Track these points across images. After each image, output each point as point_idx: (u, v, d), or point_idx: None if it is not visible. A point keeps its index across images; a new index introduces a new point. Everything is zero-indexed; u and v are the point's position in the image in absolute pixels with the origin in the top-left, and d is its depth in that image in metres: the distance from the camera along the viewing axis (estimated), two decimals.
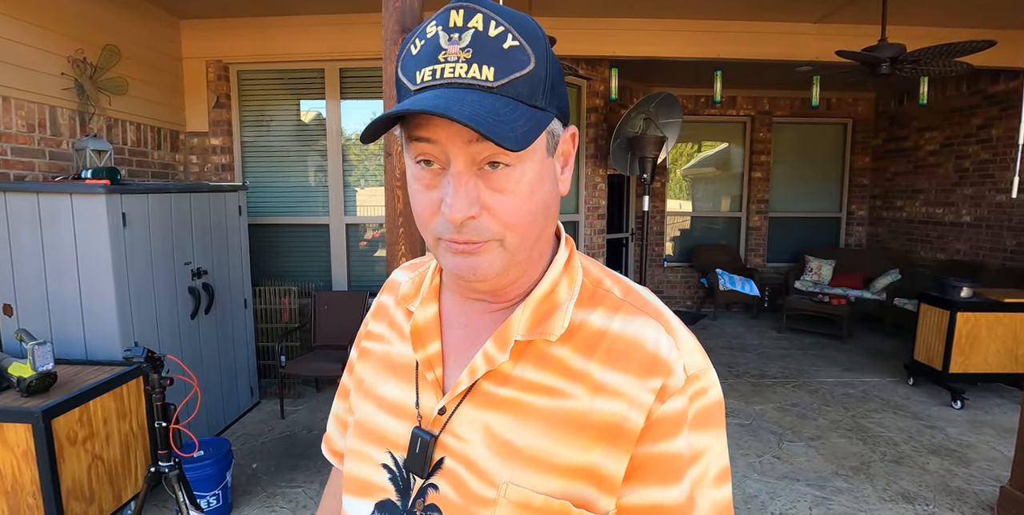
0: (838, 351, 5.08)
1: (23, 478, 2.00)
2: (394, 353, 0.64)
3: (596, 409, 0.52)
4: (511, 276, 0.56)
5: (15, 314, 2.55)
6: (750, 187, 6.64)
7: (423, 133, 0.48)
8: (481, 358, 0.56)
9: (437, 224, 0.51)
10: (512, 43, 0.47)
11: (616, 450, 0.51)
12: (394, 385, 0.62)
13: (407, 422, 0.59)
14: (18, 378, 2.08)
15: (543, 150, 0.52)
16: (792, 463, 3.00)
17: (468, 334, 0.60)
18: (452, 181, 0.48)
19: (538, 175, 0.51)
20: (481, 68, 0.47)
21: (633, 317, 0.55)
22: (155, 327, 2.74)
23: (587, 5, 3.82)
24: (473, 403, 0.56)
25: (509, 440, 0.53)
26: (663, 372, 0.52)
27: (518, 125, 0.46)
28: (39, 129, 2.83)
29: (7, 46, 2.66)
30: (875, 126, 6.62)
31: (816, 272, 6.17)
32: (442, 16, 0.48)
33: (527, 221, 0.51)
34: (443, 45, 0.47)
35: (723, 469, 0.55)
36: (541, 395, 0.54)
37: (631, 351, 0.53)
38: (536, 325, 0.56)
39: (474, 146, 0.47)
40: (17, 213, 2.47)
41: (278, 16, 3.87)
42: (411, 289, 0.66)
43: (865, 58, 3.03)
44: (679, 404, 0.52)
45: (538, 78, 0.49)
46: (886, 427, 3.45)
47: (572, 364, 0.54)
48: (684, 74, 5.47)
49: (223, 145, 4.09)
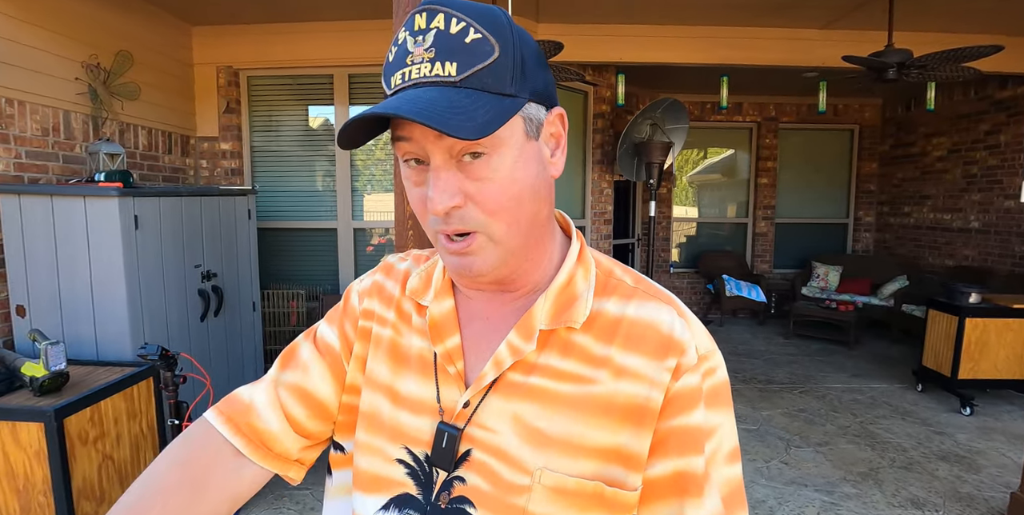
0: (845, 357, 5.06)
1: (35, 477, 2.01)
2: (404, 344, 0.64)
3: (620, 392, 0.54)
4: (512, 264, 0.56)
5: (28, 315, 2.58)
6: (756, 193, 6.63)
7: (400, 132, 0.51)
8: (506, 349, 0.57)
9: (429, 219, 0.53)
10: (475, 36, 0.49)
11: (641, 429, 0.54)
12: (410, 379, 0.61)
13: (428, 417, 0.59)
14: (31, 378, 2.10)
15: (521, 135, 0.52)
16: (800, 468, 2.98)
17: (488, 327, 0.61)
18: (432, 175, 0.51)
19: (517, 160, 0.52)
20: (444, 65, 0.49)
21: (646, 302, 0.58)
22: (165, 329, 2.76)
23: (593, 12, 3.85)
24: (500, 394, 0.57)
25: (540, 428, 0.54)
26: (677, 351, 0.55)
27: (478, 115, 0.47)
28: (53, 133, 2.87)
29: (24, 51, 2.71)
30: (882, 132, 6.61)
31: (823, 278, 6.15)
32: (409, 22, 0.51)
33: (511, 207, 0.52)
34: (410, 48, 0.50)
35: (734, 448, 0.57)
36: (568, 382, 0.55)
37: (647, 334, 0.56)
38: (559, 314, 0.57)
39: (445, 140, 0.49)
40: (31, 215, 2.51)
41: (288, 22, 3.92)
42: (420, 284, 0.65)
43: (872, 63, 3.04)
44: (693, 380, 0.55)
45: (504, 66, 0.50)
46: (895, 433, 3.43)
47: (594, 351, 0.56)
48: (690, 80, 5.49)
49: (233, 150, 4.13)
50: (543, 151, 0.56)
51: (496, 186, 0.51)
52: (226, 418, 0.64)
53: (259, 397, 0.65)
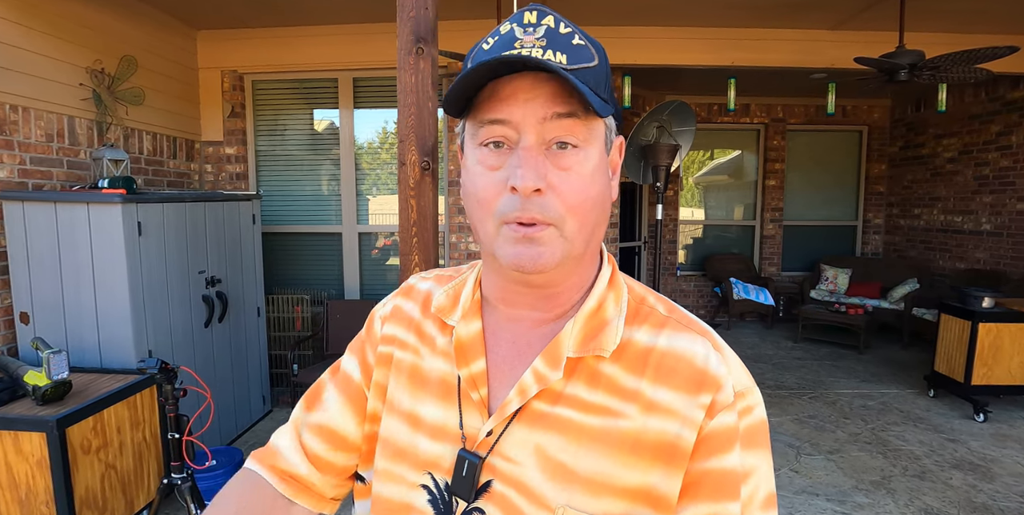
0: (855, 362, 5.00)
1: (37, 486, 2.00)
2: (425, 367, 0.61)
3: (650, 428, 0.52)
4: (566, 270, 0.55)
5: (31, 322, 2.57)
6: (764, 195, 6.58)
7: (498, 115, 0.50)
8: (531, 376, 0.54)
9: (501, 204, 0.51)
10: (579, 42, 0.51)
11: (672, 469, 0.51)
12: (432, 404, 0.59)
13: (449, 444, 0.57)
14: (33, 386, 2.09)
15: (602, 143, 0.54)
16: (811, 477, 2.94)
17: (514, 351, 0.58)
18: (522, 154, 0.50)
19: (599, 164, 0.53)
20: (556, 54, 0.50)
21: (680, 333, 0.56)
22: (169, 335, 2.75)
23: (600, 14, 3.82)
24: (524, 423, 0.54)
25: (563, 462, 0.52)
26: (712, 388, 0.52)
27: (594, 97, 0.49)
28: (57, 139, 2.87)
29: (28, 57, 2.70)
30: (891, 133, 6.54)
31: (832, 281, 6.08)
32: (517, 16, 0.52)
33: (587, 206, 0.52)
34: (519, 36, 0.51)
35: (770, 494, 0.54)
36: (595, 415, 0.53)
37: (679, 367, 0.53)
38: (587, 341, 0.55)
39: (547, 125, 0.50)
40: (35, 222, 2.50)
41: (292, 26, 3.90)
42: (447, 302, 0.63)
43: (883, 65, 2.99)
44: (730, 419, 0.52)
45: (601, 74, 0.52)
46: (907, 440, 3.37)
47: (623, 383, 0.54)
48: (697, 82, 5.44)
49: (238, 154, 4.12)
50: (609, 170, 0.57)
51: (580, 180, 0.51)
52: (262, 462, 0.66)
53: (283, 441, 0.67)
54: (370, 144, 4.17)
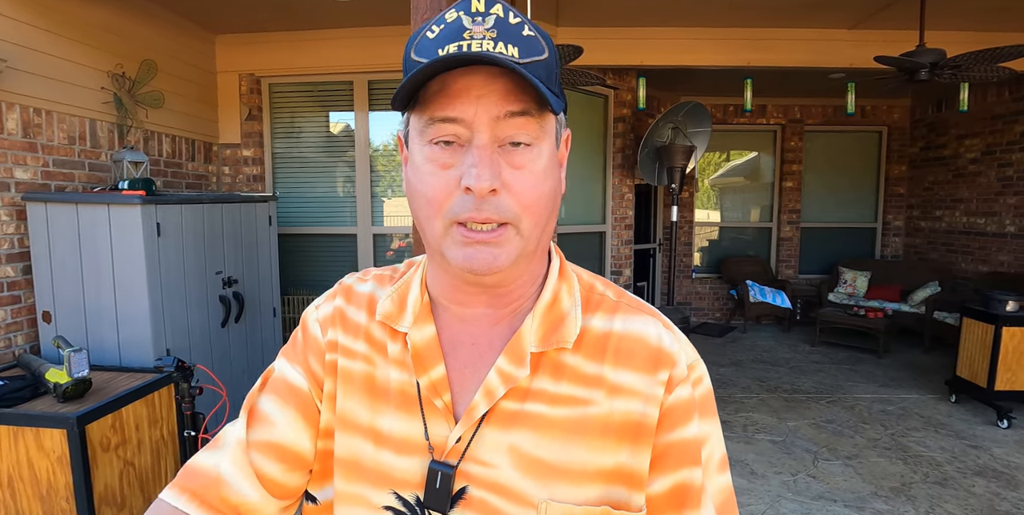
0: (874, 366, 4.91)
1: (57, 483, 2.03)
2: (379, 377, 0.58)
3: (616, 410, 0.53)
4: (519, 269, 0.54)
5: (53, 320, 2.62)
6: (781, 197, 6.51)
7: (449, 113, 0.48)
8: (497, 377, 0.53)
9: (453, 204, 0.49)
10: (529, 33, 0.50)
11: (640, 446, 0.53)
12: (391, 417, 0.56)
13: (417, 457, 0.55)
14: (55, 384, 2.13)
15: (553, 138, 0.53)
16: (829, 482, 2.89)
17: (474, 353, 0.57)
18: (476, 153, 0.48)
19: (551, 160, 0.52)
20: (507, 46, 0.48)
21: (632, 316, 0.57)
22: (186, 335, 2.78)
23: (615, 15, 3.81)
24: (494, 425, 0.53)
25: (540, 457, 0.52)
26: (668, 364, 0.54)
27: (548, 93, 0.48)
28: (79, 141, 2.92)
29: (52, 62, 2.76)
30: (911, 134, 6.44)
31: (851, 284, 5.99)
32: (463, 3, 0.50)
33: (542, 204, 0.51)
34: (467, 25, 0.48)
35: (723, 456, 0.57)
36: (564, 406, 0.53)
37: (637, 349, 0.55)
38: (549, 335, 0.55)
39: (501, 123, 0.48)
40: (57, 223, 2.55)
41: (309, 30, 3.94)
42: (394, 308, 0.59)
43: (904, 64, 2.95)
44: (686, 392, 0.55)
45: (552, 67, 0.51)
46: (928, 446, 3.31)
47: (586, 370, 0.54)
48: (713, 83, 5.41)
49: (255, 156, 4.17)
50: (558, 164, 0.56)
51: (533, 178, 0.50)
52: (191, 495, 0.56)
53: (225, 465, 0.57)
54: (385, 146, 4.20)
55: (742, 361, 5.05)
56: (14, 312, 2.62)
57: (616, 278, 4.82)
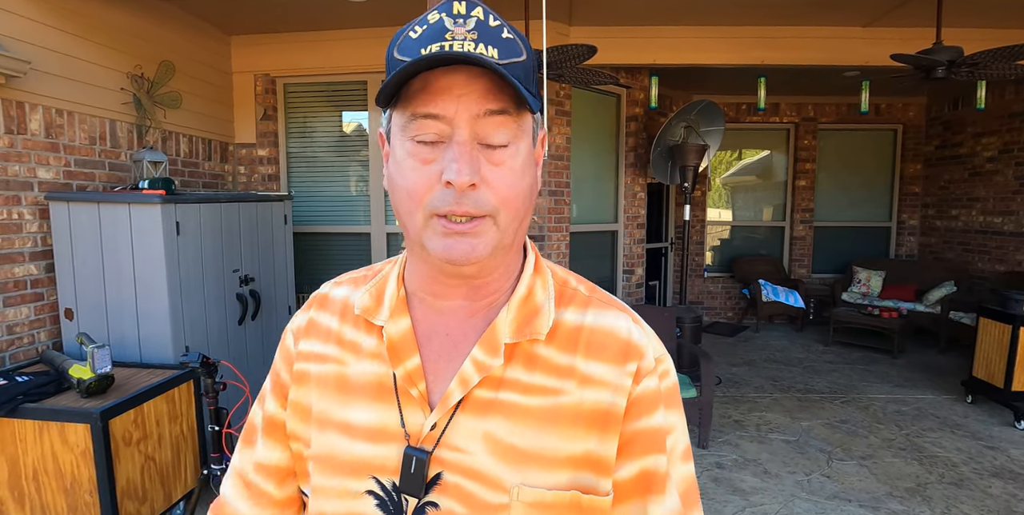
0: (889, 366, 4.88)
1: (81, 476, 2.08)
2: (352, 374, 0.60)
3: (586, 400, 0.55)
4: (495, 261, 0.56)
5: (75, 317, 2.67)
6: (794, 196, 6.47)
7: (432, 110, 0.50)
8: (471, 366, 0.56)
9: (433, 198, 0.51)
10: (508, 36, 0.52)
11: (608, 435, 0.55)
12: (363, 408, 0.58)
13: (393, 443, 0.57)
14: (78, 379, 2.17)
15: (530, 137, 0.55)
16: (843, 482, 2.88)
17: (449, 343, 0.59)
18: (457, 149, 0.50)
19: (528, 158, 0.55)
20: (488, 48, 0.50)
21: (603, 311, 0.60)
22: (204, 332, 2.82)
23: (628, 14, 3.81)
24: (469, 412, 0.55)
25: (513, 444, 0.54)
26: (637, 356, 0.57)
27: (526, 93, 0.50)
28: (100, 141, 2.97)
29: (74, 64, 2.81)
30: (927, 132, 6.38)
31: (865, 283, 5.95)
32: (445, 6, 0.51)
33: (519, 199, 0.53)
34: (449, 27, 0.50)
35: (687, 447, 0.60)
36: (536, 395, 0.55)
37: (607, 342, 0.57)
38: (523, 326, 0.57)
39: (480, 121, 0.50)
40: (79, 222, 2.59)
41: (323, 31, 3.98)
42: (372, 302, 0.61)
43: (921, 62, 2.93)
44: (652, 383, 0.57)
45: (529, 69, 0.53)
46: (943, 447, 3.28)
47: (558, 361, 0.57)
48: (725, 81, 5.38)
49: (270, 156, 4.22)
50: (535, 162, 0.58)
51: (512, 174, 0.52)
52: None
53: (227, 492, 0.68)
54: None
55: (755, 361, 5.03)
56: (37, 309, 2.67)
57: (628, 277, 4.82)
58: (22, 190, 2.57)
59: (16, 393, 2.09)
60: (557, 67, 3.08)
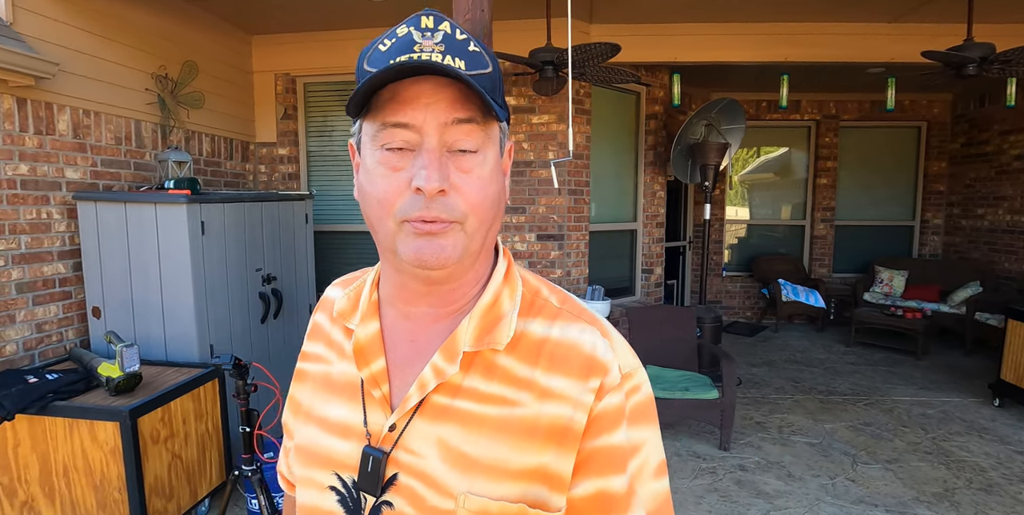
0: (913, 368, 4.80)
1: (110, 473, 2.11)
2: (335, 372, 0.63)
3: (544, 413, 0.55)
4: (464, 266, 0.57)
5: (103, 316, 2.71)
6: (815, 194, 6.38)
7: (401, 118, 0.51)
8: (430, 371, 0.57)
9: (403, 204, 0.52)
10: (475, 49, 0.53)
11: (564, 450, 0.54)
12: (339, 405, 0.61)
13: (355, 442, 0.59)
14: (107, 378, 2.20)
15: (498, 146, 0.56)
16: (868, 487, 2.84)
17: (414, 349, 0.60)
18: (426, 156, 0.51)
19: (495, 166, 0.56)
20: (455, 60, 0.52)
21: (571, 324, 0.59)
22: (228, 331, 2.85)
23: (649, 11, 3.77)
24: (425, 417, 0.57)
25: (465, 452, 0.55)
26: (600, 372, 0.55)
27: (491, 101, 0.51)
28: (126, 142, 3.00)
29: (101, 65, 2.84)
30: (952, 129, 6.25)
31: (887, 283, 5.86)
32: (413, 20, 0.53)
33: (487, 205, 0.54)
34: (417, 39, 0.52)
35: (660, 462, 0.59)
36: (492, 405, 0.55)
37: (571, 355, 0.56)
38: (483, 335, 0.57)
39: (449, 130, 0.52)
40: (106, 221, 2.62)
41: (343, 30, 3.98)
42: (348, 305, 0.65)
43: (952, 59, 2.87)
44: (616, 400, 0.56)
45: (496, 81, 0.55)
46: (971, 451, 3.23)
47: (518, 372, 0.56)
48: (746, 78, 5.32)
49: (290, 155, 4.24)
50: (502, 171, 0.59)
51: (480, 181, 0.53)
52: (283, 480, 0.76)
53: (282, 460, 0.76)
54: None
55: (775, 361, 4.98)
56: (65, 307, 2.71)
57: (647, 276, 4.78)
58: (51, 190, 2.61)
59: (46, 391, 2.12)
60: (579, 66, 3.05)
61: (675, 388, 3.21)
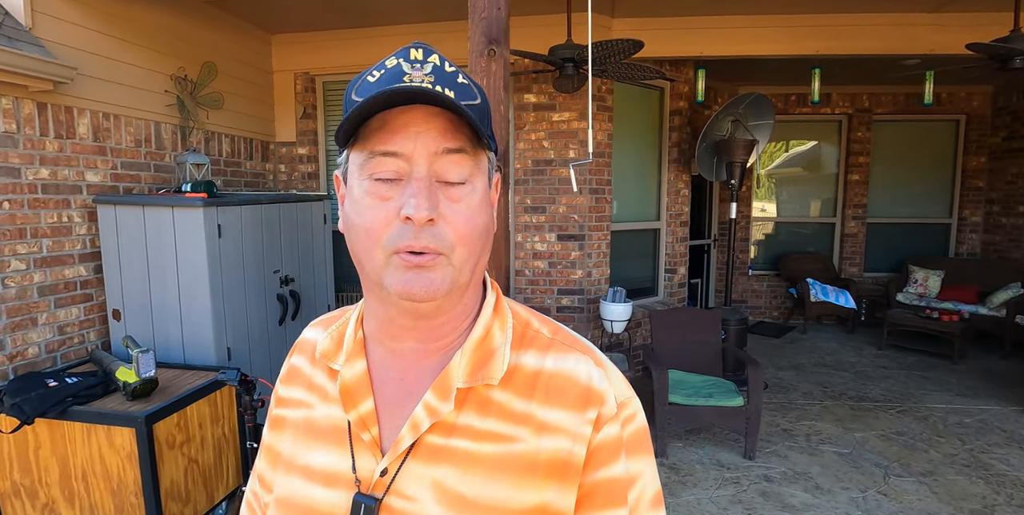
0: (948, 373, 4.62)
1: (127, 478, 2.11)
2: (318, 417, 0.60)
3: (543, 448, 0.53)
4: (452, 299, 0.55)
5: (123, 318, 2.72)
6: (846, 190, 6.18)
7: (390, 147, 0.50)
8: (423, 411, 0.54)
9: (392, 234, 0.50)
10: (463, 81, 0.54)
11: (566, 485, 0.53)
12: (323, 451, 0.58)
13: (343, 490, 0.56)
14: (124, 382, 2.20)
15: (486, 176, 0.56)
16: (901, 501, 2.72)
17: (403, 388, 0.58)
18: (415, 185, 0.50)
19: (484, 197, 0.55)
20: (444, 89, 0.51)
21: (564, 354, 0.57)
22: (246, 333, 2.84)
23: (673, 4, 3.65)
24: (419, 459, 0.54)
25: (462, 493, 0.52)
26: (597, 403, 0.54)
27: (482, 130, 0.51)
28: (145, 144, 3.01)
29: (120, 68, 2.84)
30: (993, 123, 5.99)
31: (922, 284, 5.65)
32: (402, 52, 0.53)
33: (475, 236, 0.53)
34: (406, 71, 0.52)
35: (657, 493, 0.58)
36: (489, 442, 0.54)
37: (566, 387, 0.55)
38: (476, 371, 0.55)
39: (439, 159, 0.51)
40: (125, 224, 2.63)
41: (362, 28, 3.95)
42: (331, 345, 0.62)
43: (998, 51, 2.71)
44: (614, 431, 0.55)
45: (484, 112, 0.54)
46: (1012, 465, 3.08)
47: (514, 407, 0.54)
48: (774, 71, 5.15)
49: (309, 154, 4.23)
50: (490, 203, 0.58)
51: (469, 211, 0.52)
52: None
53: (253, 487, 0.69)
54: None
55: (803, 364, 4.84)
56: (87, 310, 2.73)
57: (670, 276, 4.68)
58: (71, 194, 2.62)
59: (65, 395, 2.13)
60: (600, 63, 2.96)
61: (698, 394, 3.12)
